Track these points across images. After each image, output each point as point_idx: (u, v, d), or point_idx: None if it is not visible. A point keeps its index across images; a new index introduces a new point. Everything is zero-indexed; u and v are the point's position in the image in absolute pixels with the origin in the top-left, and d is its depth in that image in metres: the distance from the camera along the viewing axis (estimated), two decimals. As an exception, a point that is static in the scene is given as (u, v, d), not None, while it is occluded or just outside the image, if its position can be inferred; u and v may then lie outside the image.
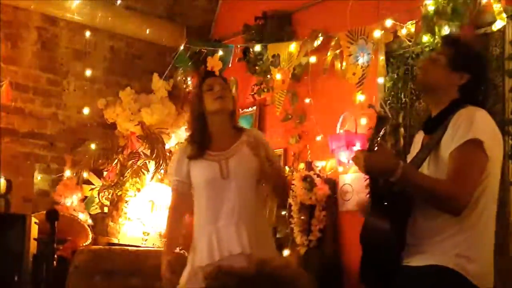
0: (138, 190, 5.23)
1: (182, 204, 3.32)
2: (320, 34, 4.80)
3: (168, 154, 5.48)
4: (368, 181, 2.75)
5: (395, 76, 4.28)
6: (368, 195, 2.77)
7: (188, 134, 3.37)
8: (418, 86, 2.94)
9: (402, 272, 2.59)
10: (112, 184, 5.22)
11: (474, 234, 2.52)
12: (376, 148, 2.53)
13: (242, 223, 3.08)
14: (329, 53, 4.68)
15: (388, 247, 2.63)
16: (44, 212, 3.75)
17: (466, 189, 2.46)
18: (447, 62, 2.65)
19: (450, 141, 2.51)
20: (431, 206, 2.54)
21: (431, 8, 3.97)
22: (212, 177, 3.17)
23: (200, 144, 3.23)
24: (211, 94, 3.21)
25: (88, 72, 5.56)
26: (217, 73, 5.29)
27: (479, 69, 2.70)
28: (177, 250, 3.49)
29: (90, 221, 5.11)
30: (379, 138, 2.55)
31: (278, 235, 4.74)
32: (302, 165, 4.81)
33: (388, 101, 4.26)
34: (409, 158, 2.79)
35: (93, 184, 5.29)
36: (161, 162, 5.29)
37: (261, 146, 3.11)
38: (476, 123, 2.49)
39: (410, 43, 4.20)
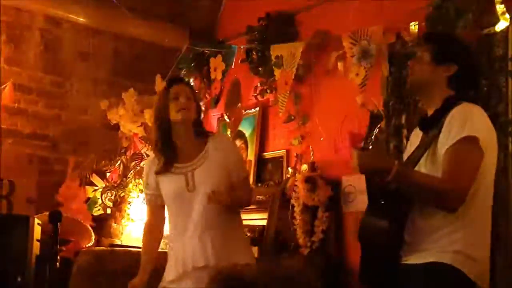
0: (141, 191, 5.23)
1: (157, 218, 3.31)
2: (323, 35, 4.79)
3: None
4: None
5: (398, 77, 4.26)
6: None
7: (152, 144, 3.30)
8: (410, 88, 2.90)
9: (401, 270, 2.60)
10: (115, 185, 5.23)
11: (472, 231, 2.53)
12: (370, 147, 2.54)
13: (207, 235, 3.04)
14: (332, 54, 4.67)
15: (386, 246, 2.64)
16: (47, 213, 3.75)
17: (462, 186, 2.47)
18: (431, 57, 2.66)
19: (446, 139, 2.52)
20: (428, 204, 2.55)
21: (434, 9, 3.96)
22: (179, 190, 3.14)
23: (166, 157, 3.17)
24: (176, 105, 3.13)
25: (91, 74, 5.57)
26: (219, 75, 5.30)
27: (465, 58, 2.70)
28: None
29: (93, 222, 5.10)
30: (372, 137, 2.57)
31: (280, 237, 4.74)
32: (305, 166, 4.80)
33: (391, 102, 4.25)
34: (405, 156, 2.79)
35: (96, 186, 5.30)
36: (164, 163, 5.29)
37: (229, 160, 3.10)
38: (471, 120, 2.50)
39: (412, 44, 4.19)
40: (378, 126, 2.65)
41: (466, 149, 2.48)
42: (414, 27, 4.18)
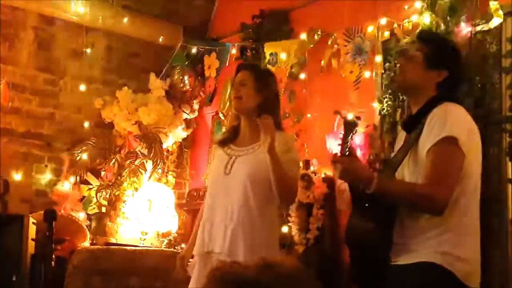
0: (136, 189, 5.23)
1: None
2: (318, 32, 4.80)
3: (165, 153, 5.48)
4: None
5: (392, 74, 4.27)
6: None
7: None
8: (398, 87, 2.89)
9: (391, 271, 2.60)
10: (110, 183, 5.22)
11: (459, 233, 2.52)
12: (347, 153, 2.55)
13: (232, 226, 3.04)
14: (326, 51, 4.67)
15: (374, 247, 2.64)
16: (42, 212, 3.74)
17: (444, 189, 2.46)
18: (423, 59, 2.64)
19: (426, 140, 2.51)
20: (412, 211, 2.55)
21: (428, 5, 3.96)
22: (217, 170, 3.20)
23: (228, 134, 3.32)
24: (232, 93, 3.26)
25: (85, 72, 5.55)
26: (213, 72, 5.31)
27: (456, 65, 2.69)
28: None
29: (88, 221, 5.10)
30: (348, 143, 2.57)
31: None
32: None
33: (385, 99, 4.26)
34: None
35: (91, 184, 5.29)
36: (158, 161, 5.29)
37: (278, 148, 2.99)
38: (451, 121, 2.49)
39: (407, 41, 4.19)
40: (354, 132, 2.63)
41: (447, 150, 2.47)
42: (408, 24, 4.19)
